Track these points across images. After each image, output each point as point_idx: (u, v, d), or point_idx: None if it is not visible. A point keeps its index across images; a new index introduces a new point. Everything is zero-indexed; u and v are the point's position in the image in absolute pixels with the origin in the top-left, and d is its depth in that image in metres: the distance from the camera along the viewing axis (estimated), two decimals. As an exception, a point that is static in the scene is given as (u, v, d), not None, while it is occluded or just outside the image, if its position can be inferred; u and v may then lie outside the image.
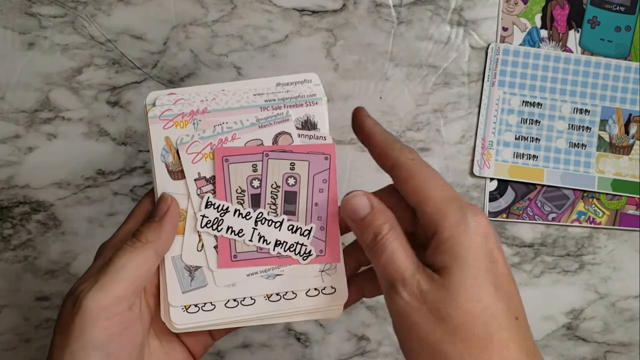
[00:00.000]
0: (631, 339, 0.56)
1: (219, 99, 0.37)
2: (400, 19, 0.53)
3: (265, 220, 0.37)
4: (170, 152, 0.37)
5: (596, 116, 0.54)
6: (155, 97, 0.37)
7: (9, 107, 0.52)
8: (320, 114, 0.38)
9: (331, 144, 0.37)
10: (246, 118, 0.37)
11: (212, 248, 0.37)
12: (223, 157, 0.37)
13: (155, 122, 0.37)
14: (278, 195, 0.37)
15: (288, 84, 0.38)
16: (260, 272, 0.37)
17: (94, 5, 0.52)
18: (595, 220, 0.55)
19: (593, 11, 0.54)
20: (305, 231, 0.37)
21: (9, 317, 0.54)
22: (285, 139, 0.37)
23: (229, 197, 0.37)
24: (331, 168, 0.37)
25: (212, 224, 0.37)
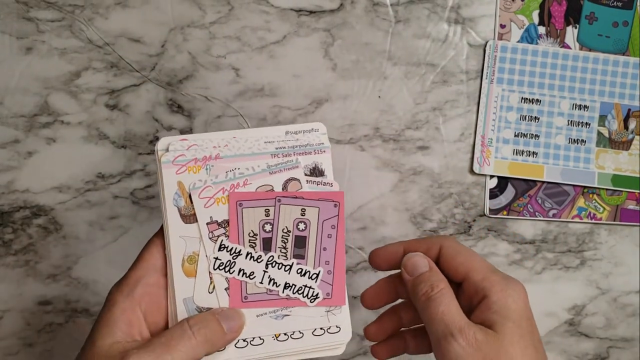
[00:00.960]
0: (633, 334, 0.56)
1: (231, 146, 0.39)
2: (397, 17, 0.53)
3: (275, 263, 0.38)
4: (183, 196, 0.38)
5: (595, 112, 0.54)
6: (168, 143, 0.38)
7: (8, 112, 0.52)
8: (326, 161, 0.40)
9: (340, 192, 0.39)
10: (257, 164, 0.39)
11: (224, 290, 0.38)
12: (237, 201, 0.38)
13: (168, 167, 0.38)
14: (288, 239, 0.39)
15: (297, 133, 0.40)
16: (269, 312, 0.38)
17: (92, 8, 0.52)
18: (596, 215, 0.55)
19: (590, 7, 0.54)
20: (314, 275, 0.39)
21: (11, 322, 0.54)
22: (295, 184, 0.39)
23: (242, 241, 0.38)
24: (340, 215, 0.39)
25: (224, 266, 0.38)
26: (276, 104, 0.53)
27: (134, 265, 0.37)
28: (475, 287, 0.37)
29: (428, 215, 0.54)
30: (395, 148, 0.54)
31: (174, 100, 0.53)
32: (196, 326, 0.35)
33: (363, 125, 0.53)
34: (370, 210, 0.54)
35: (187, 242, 0.38)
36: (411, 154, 0.54)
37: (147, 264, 0.37)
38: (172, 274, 0.37)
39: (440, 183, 0.54)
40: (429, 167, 0.54)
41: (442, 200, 0.54)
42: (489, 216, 0.54)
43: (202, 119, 0.53)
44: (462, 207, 0.54)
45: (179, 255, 0.38)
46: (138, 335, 0.35)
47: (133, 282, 0.36)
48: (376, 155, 0.54)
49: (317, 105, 0.53)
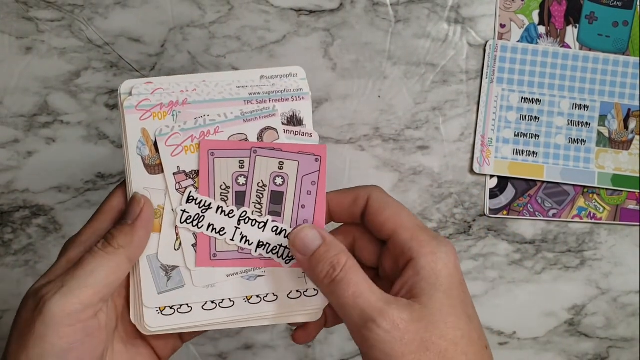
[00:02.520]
0: (633, 334, 0.56)
1: (200, 90, 0.35)
2: (397, 17, 0.53)
3: (249, 219, 0.35)
4: (147, 145, 0.35)
5: (595, 112, 0.54)
6: (131, 86, 0.35)
7: (8, 112, 0.52)
8: (306, 109, 0.36)
9: (323, 146, 0.36)
10: (230, 111, 0.35)
11: (191, 246, 0.35)
12: (209, 150, 0.35)
13: (131, 113, 0.35)
14: (264, 194, 0.35)
15: (273, 77, 0.36)
16: (241, 272, 0.35)
17: (91, 8, 0.52)
18: (596, 215, 0.55)
19: (591, 7, 0.54)
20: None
21: (10, 322, 0.54)
22: (271, 134, 0.36)
23: (212, 193, 0.35)
24: (321, 170, 0.36)
25: (192, 220, 0.35)
26: (276, 104, 0.53)
27: (92, 217, 0.35)
28: (402, 246, 0.33)
29: (428, 215, 0.54)
30: (395, 148, 0.54)
31: (173, 100, 0.53)
32: (100, 242, 0.32)
33: (363, 125, 0.53)
34: (370, 210, 0.54)
35: (152, 195, 0.35)
36: (411, 153, 0.54)
37: (106, 216, 0.34)
38: None
39: (440, 183, 0.54)
40: (429, 167, 0.54)
41: (442, 200, 0.54)
42: (489, 216, 0.54)
43: (202, 119, 0.53)
44: (462, 207, 0.54)
45: None
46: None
47: (90, 234, 0.34)
48: (376, 155, 0.54)
49: (317, 105, 0.53)
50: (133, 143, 0.35)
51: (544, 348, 0.55)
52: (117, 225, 0.33)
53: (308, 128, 0.36)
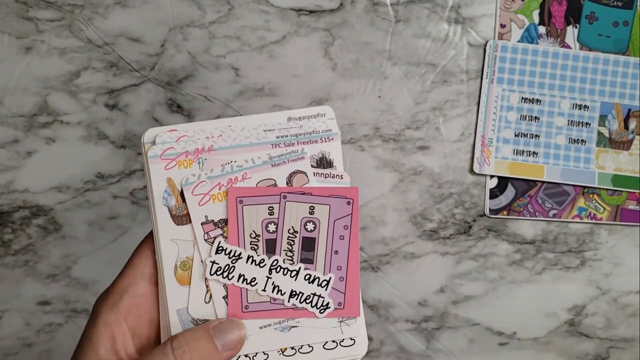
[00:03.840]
0: (634, 335, 0.56)
1: (226, 136, 0.34)
2: (397, 17, 0.53)
3: (280, 268, 0.34)
4: (174, 195, 0.34)
5: (595, 112, 0.54)
6: (155, 135, 0.34)
7: (7, 112, 0.52)
8: (335, 150, 0.35)
9: (354, 188, 0.35)
10: (257, 156, 0.34)
11: (221, 298, 0.34)
12: (237, 198, 0.34)
13: (156, 162, 0.34)
14: (295, 241, 0.34)
15: (300, 119, 0.35)
16: (274, 324, 0.34)
17: (91, 8, 0.52)
18: (596, 216, 0.54)
19: (591, 7, 0.54)
20: (324, 281, 0.34)
21: (10, 322, 0.54)
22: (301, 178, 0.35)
23: (242, 242, 0.34)
24: (354, 213, 0.35)
25: (222, 271, 0.34)
26: (276, 104, 0.53)
27: (120, 273, 0.34)
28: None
29: (428, 215, 0.54)
30: (395, 148, 0.54)
31: (173, 100, 0.53)
32: (180, 349, 0.31)
33: (363, 125, 0.53)
34: (370, 210, 0.54)
35: (180, 246, 0.34)
36: (411, 153, 0.54)
37: (135, 272, 0.34)
38: (164, 282, 0.34)
39: (441, 183, 0.54)
40: (429, 167, 0.54)
41: (442, 200, 0.54)
42: (489, 216, 0.54)
43: (202, 119, 0.53)
44: (462, 207, 0.54)
45: (171, 261, 0.34)
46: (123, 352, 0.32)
47: (119, 293, 0.33)
48: (376, 155, 0.54)
49: (316, 105, 0.53)
50: (159, 194, 0.34)
51: (544, 348, 0.55)
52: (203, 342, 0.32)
53: (339, 170, 0.35)
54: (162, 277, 0.34)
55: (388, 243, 0.54)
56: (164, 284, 0.34)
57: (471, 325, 0.55)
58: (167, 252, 0.34)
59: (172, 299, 0.34)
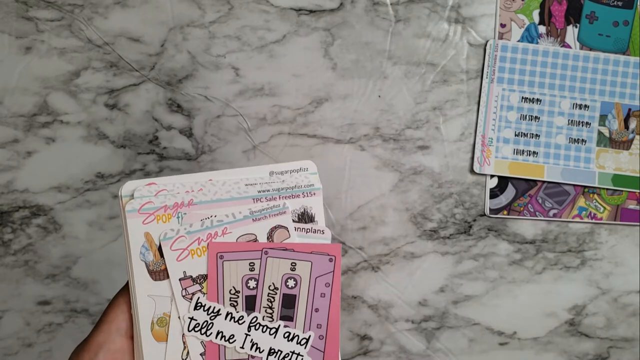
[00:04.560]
0: (634, 334, 0.56)
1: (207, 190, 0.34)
2: (397, 17, 0.53)
3: (259, 325, 0.34)
4: (151, 250, 0.33)
5: (595, 111, 0.54)
6: (133, 188, 0.33)
7: (7, 112, 0.52)
8: (317, 205, 0.35)
9: (337, 245, 0.34)
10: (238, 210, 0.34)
11: (199, 355, 0.34)
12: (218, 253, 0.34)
13: (133, 216, 0.33)
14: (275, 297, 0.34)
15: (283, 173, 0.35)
16: None
17: (91, 8, 0.52)
18: (596, 215, 0.54)
19: (591, 6, 0.54)
20: (303, 340, 0.34)
21: (10, 322, 0.54)
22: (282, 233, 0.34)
23: (221, 299, 0.34)
24: (335, 271, 0.34)
25: (200, 327, 0.33)
26: (276, 104, 0.53)
27: (95, 327, 0.34)
28: None
29: (428, 215, 0.54)
30: (395, 148, 0.54)
31: (173, 100, 0.53)
32: None
33: (363, 125, 0.53)
34: (370, 210, 0.54)
35: (157, 302, 0.33)
36: (411, 153, 0.54)
37: (111, 327, 0.33)
38: (140, 339, 0.33)
39: (441, 183, 0.54)
40: (429, 166, 0.54)
41: (443, 200, 0.54)
42: (489, 216, 0.54)
43: (202, 119, 0.53)
44: (462, 206, 0.54)
45: (148, 318, 0.33)
46: None
47: (94, 349, 0.33)
48: (376, 154, 0.54)
49: (317, 105, 0.53)
50: (136, 248, 0.33)
51: (544, 348, 0.55)
52: None
53: (320, 225, 0.35)
54: (138, 333, 0.33)
55: (388, 243, 0.54)
56: (140, 340, 0.33)
57: (471, 325, 0.55)
58: (143, 308, 0.33)
59: (148, 356, 0.33)
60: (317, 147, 0.53)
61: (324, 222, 0.35)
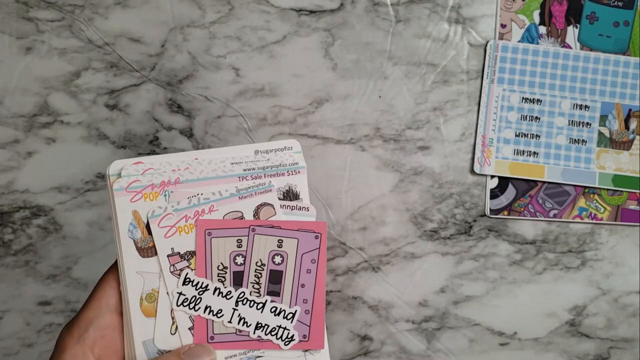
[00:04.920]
0: (634, 335, 0.56)
1: (193, 168, 0.35)
2: (398, 17, 0.53)
3: (247, 300, 0.35)
4: (139, 227, 0.34)
5: (596, 112, 0.54)
6: (120, 167, 0.34)
7: (8, 112, 0.52)
8: (302, 183, 0.36)
9: (323, 223, 0.35)
10: (225, 188, 0.35)
11: (187, 330, 0.34)
12: (206, 230, 0.34)
13: (121, 195, 0.34)
14: (262, 274, 0.35)
15: (268, 152, 0.36)
16: (240, 354, 0.35)
17: (91, 8, 0.52)
18: (597, 216, 0.54)
19: (591, 7, 0.54)
20: (289, 314, 0.35)
21: (11, 322, 0.54)
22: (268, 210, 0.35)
23: (209, 274, 0.34)
24: (321, 248, 0.35)
25: (189, 302, 0.34)
26: (276, 104, 0.53)
27: (85, 304, 0.34)
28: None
29: (429, 216, 0.54)
30: (395, 148, 0.54)
31: (173, 100, 0.53)
32: None
33: (363, 125, 0.53)
34: (371, 210, 0.54)
35: (145, 279, 0.34)
36: (412, 154, 0.54)
37: (100, 303, 0.34)
38: (129, 315, 0.34)
39: (441, 183, 0.54)
40: (430, 167, 0.54)
41: (443, 201, 0.54)
42: (489, 216, 0.54)
43: (202, 119, 0.53)
44: (462, 207, 0.54)
45: (137, 294, 0.34)
46: None
47: (84, 325, 0.33)
48: (376, 155, 0.54)
49: (317, 105, 0.53)
50: (124, 226, 0.34)
51: (544, 348, 0.55)
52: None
53: (305, 202, 0.36)
54: (127, 309, 0.34)
55: (388, 243, 0.54)
56: (130, 316, 0.34)
57: (472, 325, 0.55)
58: (132, 285, 0.34)
59: (137, 331, 0.34)
60: (317, 148, 0.53)
61: (308, 199, 0.36)
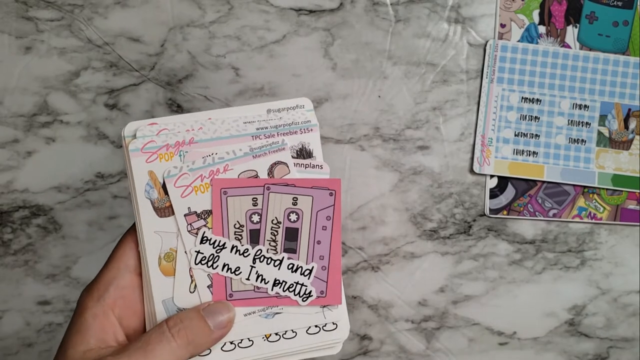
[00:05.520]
0: (634, 334, 0.56)
1: (207, 128, 0.35)
2: (397, 17, 0.53)
3: (264, 257, 0.35)
4: (155, 187, 0.34)
5: (595, 111, 0.54)
6: (135, 128, 0.34)
7: (7, 112, 0.52)
8: (315, 141, 0.36)
9: (337, 179, 0.35)
10: (239, 147, 0.35)
11: (206, 288, 0.35)
12: (221, 189, 0.34)
13: (137, 156, 0.34)
14: (278, 231, 0.35)
15: (280, 110, 0.36)
16: (258, 311, 0.35)
17: (91, 8, 0.52)
18: (596, 215, 0.54)
19: (591, 6, 0.54)
20: (306, 271, 0.35)
21: (10, 322, 0.54)
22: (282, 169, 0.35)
23: (226, 233, 0.35)
24: (336, 205, 0.35)
25: (207, 260, 0.34)
26: (276, 104, 0.53)
27: (104, 266, 0.35)
28: None
29: (428, 215, 0.54)
30: (395, 148, 0.54)
31: (173, 100, 0.53)
32: (176, 327, 0.32)
33: (363, 125, 0.53)
34: (370, 210, 0.54)
35: (163, 238, 0.34)
36: (411, 153, 0.54)
37: (119, 264, 0.34)
38: (148, 274, 0.34)
39: (440, 183, 0.54)
40: (429, 166, 0.54)
41: (442, 200, 0.54)
42: (489, 216, 0.54)
43: (202, 119, 0.53)
44: (462, 206, 0.54)
45: (155, 253, 0.34)
46: (113, 341, 0.33)
47: (104, 285, 0.34)
48: (376, 155, 0.54)
49: (316, 105, 0.53)
50: (141, 187, 0.34)
51: (544, 348, 0.55)
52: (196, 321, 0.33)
53: (318, 160, 0.36)
54: (146, 268, 0.34)
55: (388, 243, 0.54)
56: (149, 275, 0.34)
57: (471, 325, 0.55)
58: (150, 244, 0.34)
59: (157, 290, 0.34)
60: (317, 147, 0.53)
61: (322, 157, 0.36)
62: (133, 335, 0.34)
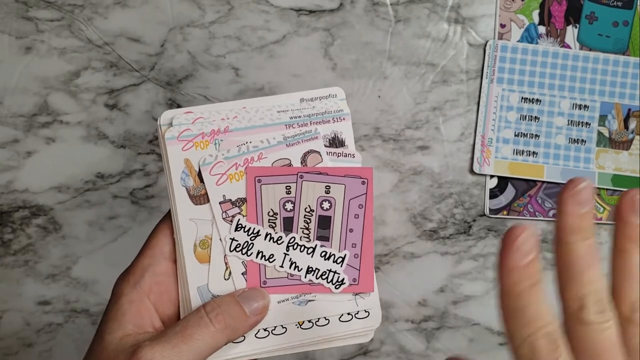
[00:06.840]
0: (634, 334, 0.56)
1: (241, 117, 0.35)
2: (397, 17, 0.53)
3: (297, 245, 0.35)
4: (191, 175, 0.35)
5: (595, 112, 0.54)
6: (171, 117, 0.35)
7: (7, 112, 0.52)
8: (347, 130, 0.36)
9: (369, 168, 0.36)
10: (272, 136, 0.35)
11: (241, 275, 0.35)
12: (256, 177, 0.35)
13: (173, 144, 0.35)
14: (311, 219, 0.35)
15: (313, 100, 0.37)
16: (292, 298, 0.35)
17: (91, 8, 0.52)
18: (596, 215, 0.54)
19: (591, 7, 0.54)
20: (339, 258, 0.35)
21: (10, 322, 0.54)
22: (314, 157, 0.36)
23: (261, 220, 0.35)
24: (368, 193, 0.36)
25: (241, 248, 0.35)
26: (276, 104, 0.53)
27: (139, 253, 0.35)
28: None
29: (428, 215, 0.54)
30: (395, 148, 0.54)
31: (173, 100, 0.53)
32: (214, 312, 0.32)
33: (363, 125, 0.53)
34: (370, 210, 0.54)
35: (199, 225, 0.35)
36: (411, 153, 0.54)
37: (154, 251, 0.35)
38: (183, 261, 0.34)
39: (440, 183, 0.54)
40: (429, 167, 0.54)
41: (442, 200, 0.54)
42: (489, 216, 0.54)
43: (202, 119, 0.53)
44: (462, 207, 0.54)
45: (190, 240, 0.35)
46: (150, 327, 0.33)
47: (140, 272, 0.34)
48: (376, 155, 0.54)
49: (317, 105, 0.53)
50: (177, 174, 0.35)
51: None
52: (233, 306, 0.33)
53: (350, 149, 0.36)
54: (181, 255, 0.35)
55: (388, 243, 0.54)
56: (184, 262, 0.35)
57: (471, 325, 0.55)
58: (186, 232, 0.35)
59: (192, 277, 0.34)
60: (317, 147, 0.53)
61: (354, 146, 0.36)
62: (168, 322, 0.34)
